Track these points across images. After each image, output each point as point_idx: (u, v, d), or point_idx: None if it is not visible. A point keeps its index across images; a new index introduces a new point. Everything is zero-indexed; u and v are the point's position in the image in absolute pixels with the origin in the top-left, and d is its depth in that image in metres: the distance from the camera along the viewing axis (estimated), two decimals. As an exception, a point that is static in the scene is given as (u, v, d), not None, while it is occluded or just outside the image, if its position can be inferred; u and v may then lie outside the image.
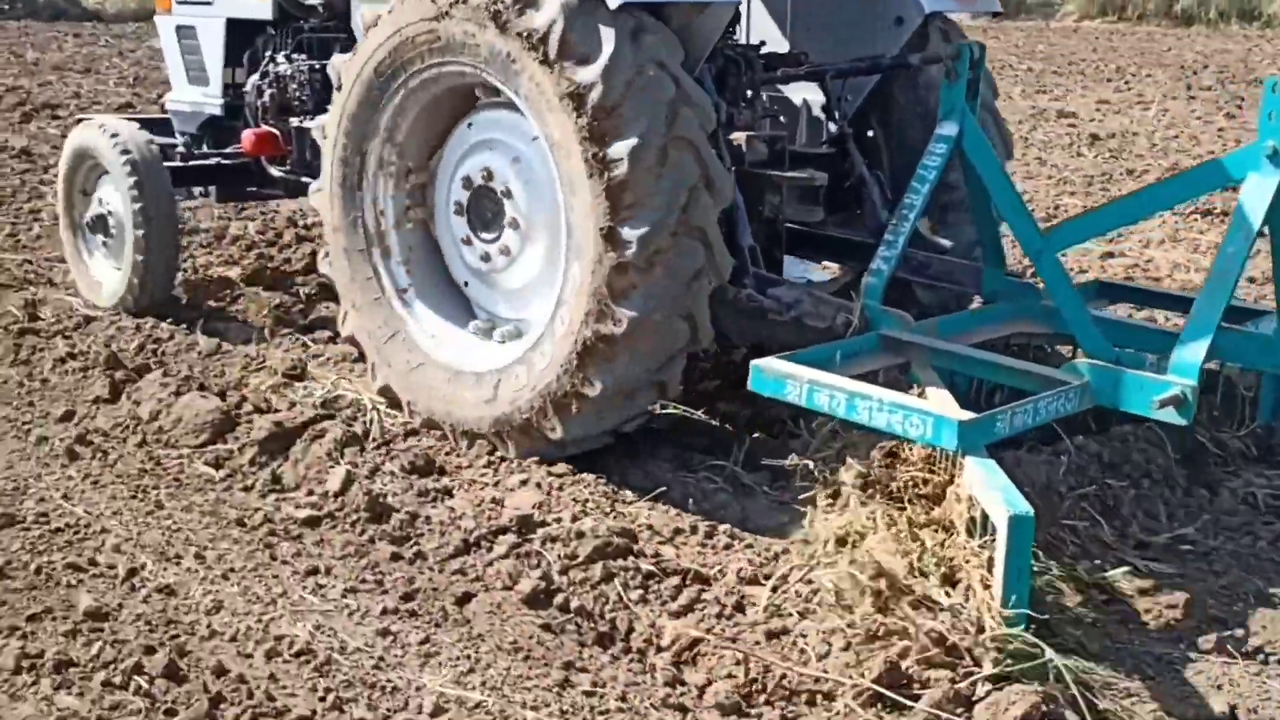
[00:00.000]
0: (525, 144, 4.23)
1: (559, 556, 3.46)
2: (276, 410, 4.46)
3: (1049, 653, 2.77)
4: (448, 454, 4.25)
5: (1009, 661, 2.75)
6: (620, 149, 3.72)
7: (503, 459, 4.14)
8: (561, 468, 4.03)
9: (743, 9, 5.14)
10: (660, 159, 3.76)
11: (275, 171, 5.83)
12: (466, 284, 4.60)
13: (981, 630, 2.78)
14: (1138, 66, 17.51)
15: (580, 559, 3.41)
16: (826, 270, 5.80)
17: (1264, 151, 3.58)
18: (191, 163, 6.12)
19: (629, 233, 3.74)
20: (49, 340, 5.42)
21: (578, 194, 3.85)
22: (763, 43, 5.19)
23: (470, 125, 4.43)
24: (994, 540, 2.92)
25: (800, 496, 3.58)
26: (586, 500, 3.84)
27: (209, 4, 6.11)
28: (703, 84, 4.07)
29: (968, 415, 3.24)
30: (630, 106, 3.74)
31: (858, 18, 5.08)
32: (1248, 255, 3.58)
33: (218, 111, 6.16)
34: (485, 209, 4.37)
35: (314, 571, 3.52)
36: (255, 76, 5.85)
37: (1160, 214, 5.72)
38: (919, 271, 4.84)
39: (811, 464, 3.60)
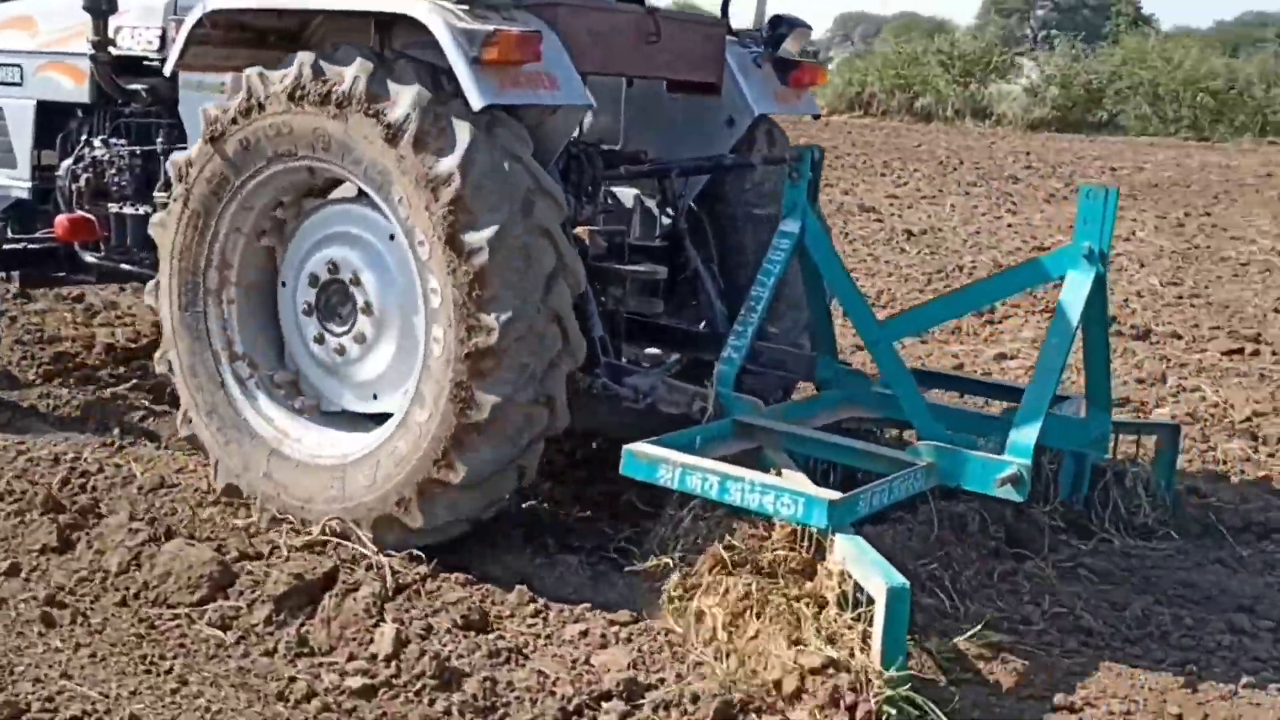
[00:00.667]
0: (374, 235, 4.26)
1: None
2: (276, 557, 4.01)
3: (933, 711, 2.93)
4: (496, 603, 3.86)
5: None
6: (479, 238, 3.78)
7: (547, 603, 3.84)
8: (623, 613, 3.76)
9: None
10: (519, 247, 3.85)
11: (89, 258, 5.63)
12: (308, 375, 4.53)
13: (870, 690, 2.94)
14: (901, 161, 18.99)
15: None
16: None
17: (1081, 251, 3.97)
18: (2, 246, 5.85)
19: (490, 319, 3.79)
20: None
21: (437, 283, 3.88)
22: (600, 140, 5.39)
23: (309, 223, 4.44)
24: (869, 610, 3.07)
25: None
26: (686, 657, 3.48)
27: (18, 85, 5.94)
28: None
29: (836, 495, 3.41)
30: (488, 196, 3.82)
31: (690, 118, 5.34)
32: (1070, 346, 3.93)
33: (25, 195, 5.95)
34: (334, 303, 4.36)
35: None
36: (69, 160, 5.67)
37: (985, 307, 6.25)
38: (753, 359, 5.07)
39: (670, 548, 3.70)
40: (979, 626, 3.71)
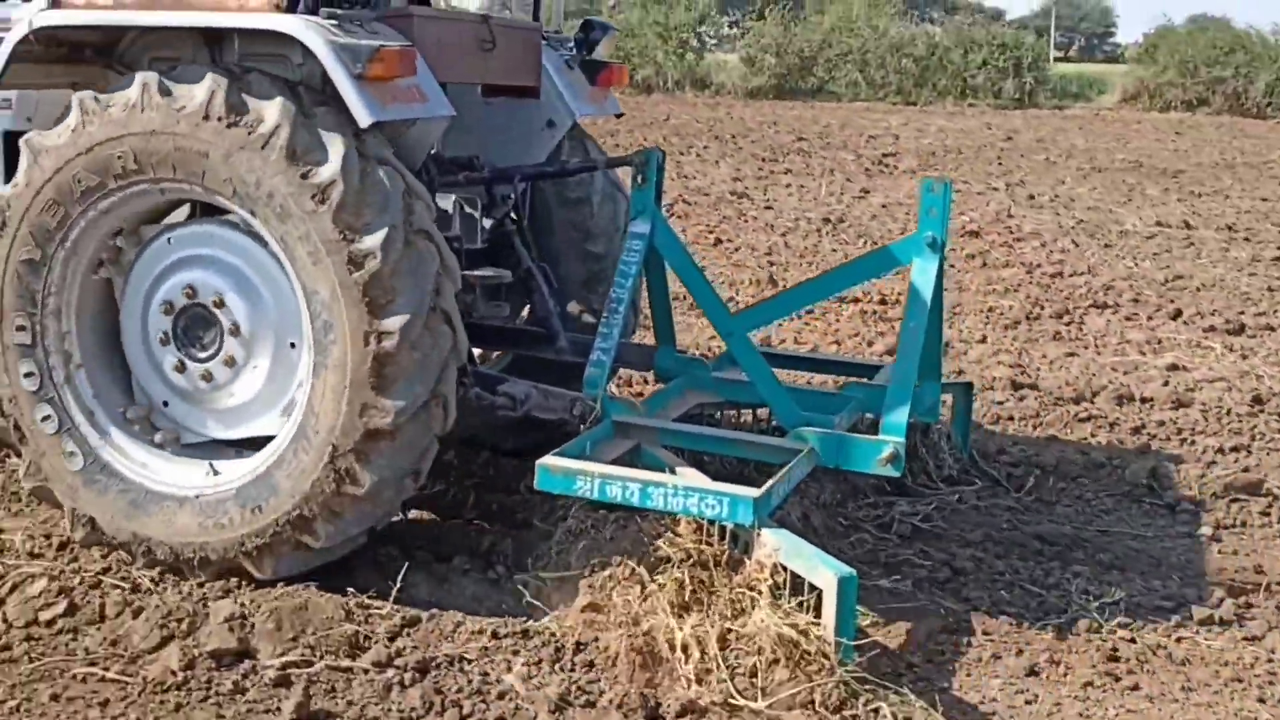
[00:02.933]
0: (234, 254, 4.16)
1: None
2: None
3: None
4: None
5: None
6: (371, 242, 3.78)
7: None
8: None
9: None
10: (408, 248, 3.87)
11: None
12: (167, 405, 4.37)
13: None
14: (680, 137, 19.63)
15: None
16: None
17: (924, 240, 4.38)
18: None
19: (390, 323, 3.80)
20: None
21: (324, 293, 3.84)
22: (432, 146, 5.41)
23: (153, 249, 4.28)
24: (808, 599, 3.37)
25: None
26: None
27: None
28: None
29: (757, 492, 3.65)
30: (372, 200, 3.83)
31: (508, 122, 5.44)
32: (926, 325, 4.34)
33: None
34: (195, 328, 4.22)
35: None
36: None
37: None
38: (585, 353, 5.27)
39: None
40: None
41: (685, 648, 3.34)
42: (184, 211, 4.46)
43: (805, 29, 35.79)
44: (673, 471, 4.07)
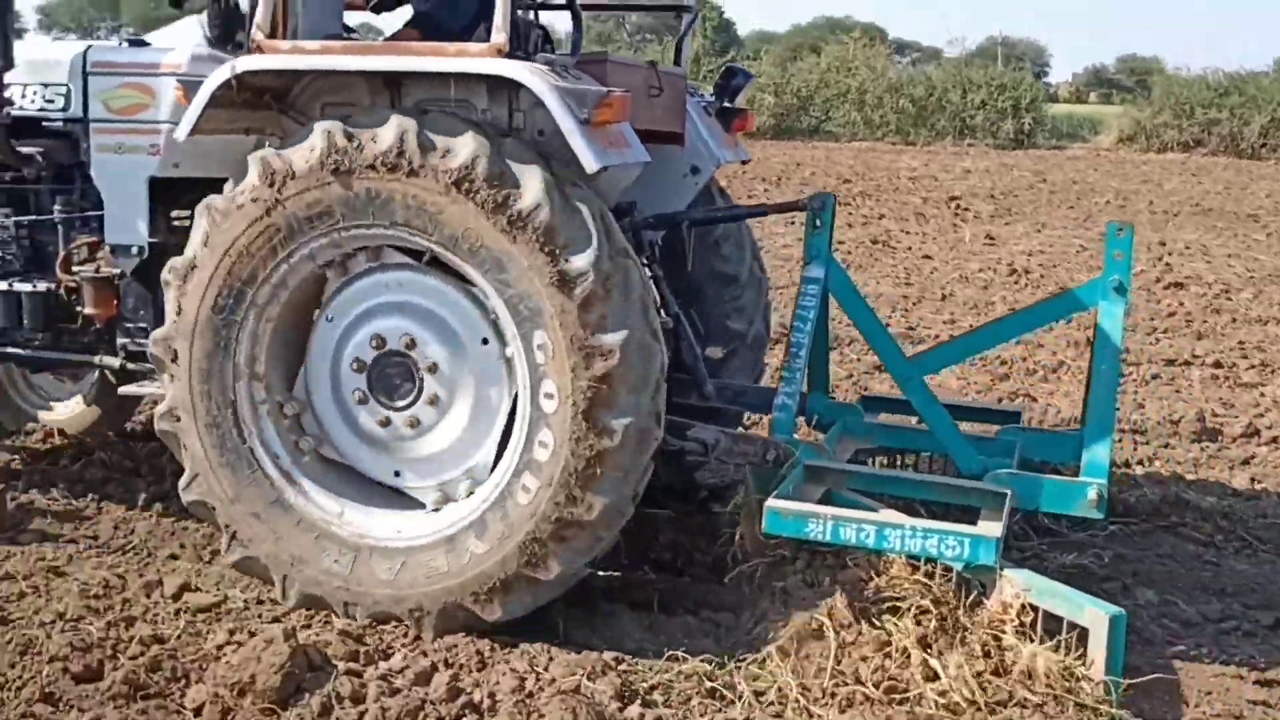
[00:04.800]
0: (427, 298, 4.21)
1: None
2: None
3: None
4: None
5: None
6: (581, 261, 3.82)
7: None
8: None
9: None
10: (614, 266, 3.92)
11: None
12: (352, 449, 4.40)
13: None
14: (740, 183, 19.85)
15: None
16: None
17: (1111, 284, 4.49)
18: None
19: (609, 340, 3.84)
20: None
21: (540, 323, 3.88)
22: None
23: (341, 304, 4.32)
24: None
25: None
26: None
27: None
28: None
29: (999, 531, 3.73)
30: (570, 222, 3.87)
31: (659, 168, 5.52)
32: (1120, 367, 4.45)
33: None
34: (392, 377, 4.25)
35: None
36: None
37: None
38: (734, 401, 5.35)
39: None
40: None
41: (945, 687, 3.38)
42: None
43: (801, 70, 36.31)
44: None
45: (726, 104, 5.73)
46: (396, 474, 4.34)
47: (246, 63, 4.15)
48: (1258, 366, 8.72)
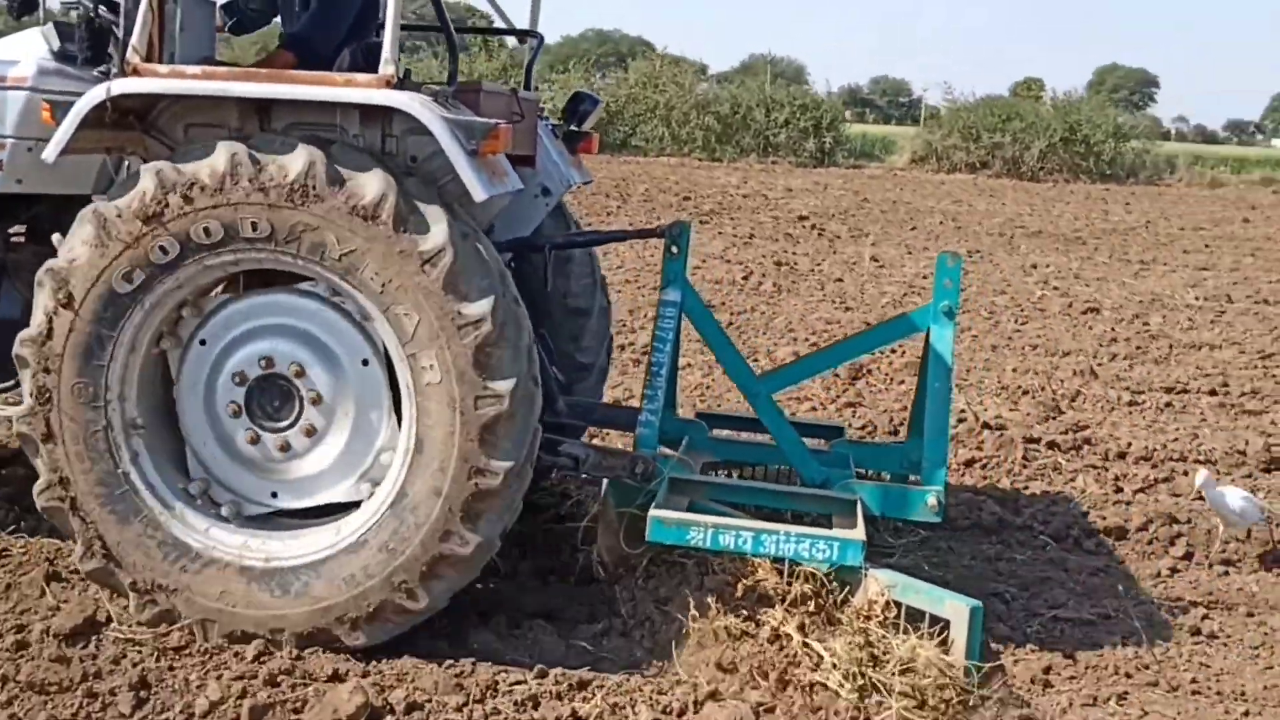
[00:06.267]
0: (311, 323, 4.31)
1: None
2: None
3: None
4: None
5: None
6: (479, 308, 4.01)
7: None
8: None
9: None
10: (509, 314, 4.13)
11: None
12: (229, 477, 4.44)
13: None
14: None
15: None
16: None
17: (941, 309, 4.94)
18: None
19: (501, 386, 4.04)
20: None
21: (430, 362, 4.03)
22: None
23: (217, 321, 4.37)
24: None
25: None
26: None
27: None
28: None
29: (863, 535, 4.10)
30: (473, 268, 4.06)
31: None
32: (950, 385, 4.90)
33: None
34: (270, 398, 4.33)
35: None
36: None
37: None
38: (584, 417, 5.61)
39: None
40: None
41: (843, 674, 3.72)
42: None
43: (609, 85, 36.92)
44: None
45: (574, 128, 5.98)
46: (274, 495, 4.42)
47: (124, 85, 4.14)
48: (1248, 394, 9.24)
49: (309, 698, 3.85)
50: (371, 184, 4.02)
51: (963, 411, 8.01)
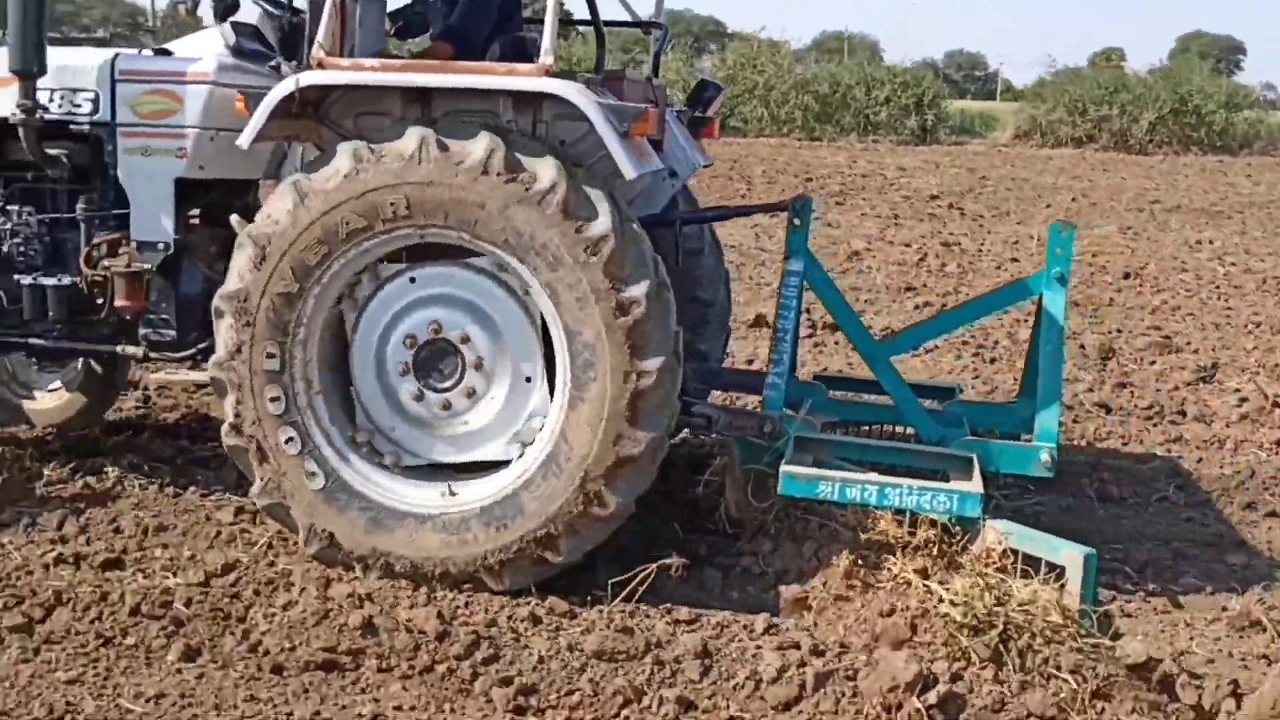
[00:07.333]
0: (478, 295, 4.77)
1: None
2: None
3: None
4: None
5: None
6: (636, 290, 4.45)
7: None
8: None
9: None
10: (659, 296, 4.55)
11: None
12: (394, 430, 4.93)
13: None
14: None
15: None
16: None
17: (1054, 275, 5.25)
18: None
19: (650, 363, 4.47)
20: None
21: (588, 337, 4.48)
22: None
23: (392, 288, 4.83)
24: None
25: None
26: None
27: None
28: None
29: (981, 488, 4.45)
30: (632, 253, 4.50)
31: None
32: (1063, 347, 5.20)
33: None
34: (436, 361, 4.80)
35: None
36: None
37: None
38: (710, 381, 6.01)
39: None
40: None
41: (954, 604, 4.07)
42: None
43: (712, 66, 37.15)
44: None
45: (698, 114, 6.36)
46: None
47: (311, 77, 4.64)
48: None
49: (860, 666, 4.10)
50: (545, 171, 4.46)
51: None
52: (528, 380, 4.75)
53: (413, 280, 4.82)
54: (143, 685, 4.01)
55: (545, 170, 4.46)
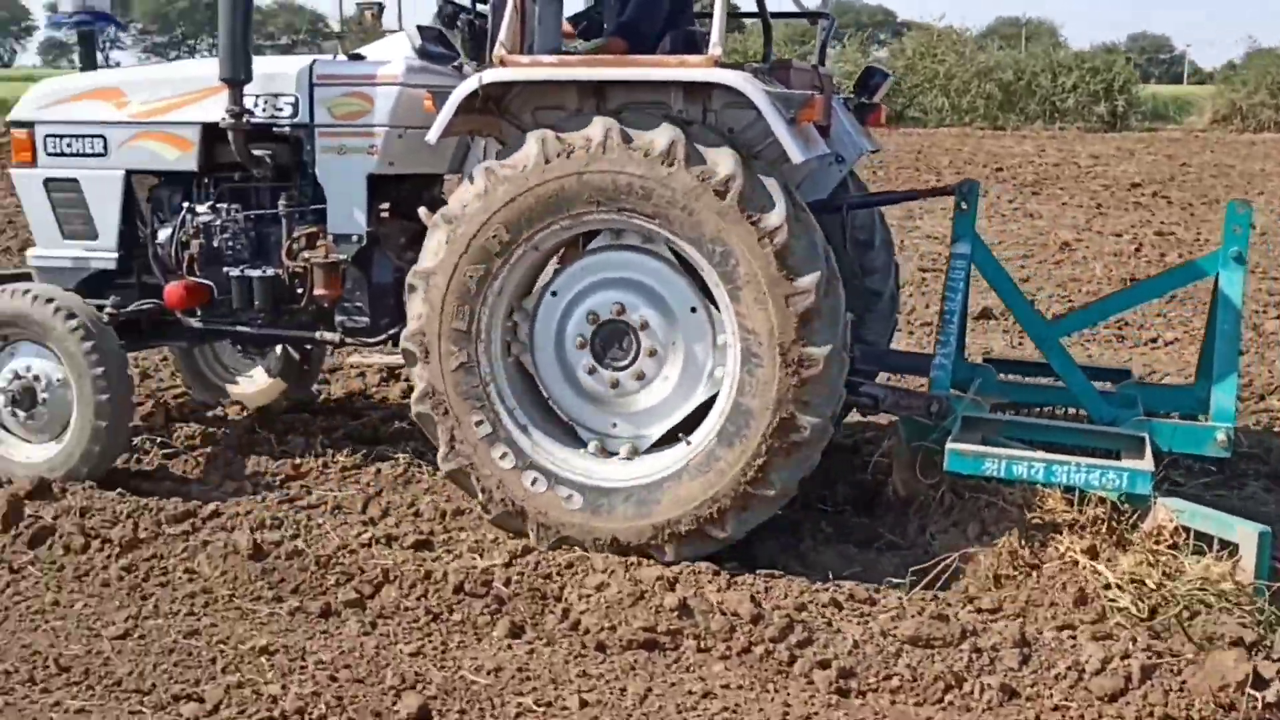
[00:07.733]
0: (652, 278, 4.96)
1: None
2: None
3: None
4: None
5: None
6: (807, 281, 4.58)
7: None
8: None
9: None
10: (830, 287, 4.67)
11: (194, 323, 6.07)
12: (568, 408, 5.16)
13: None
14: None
15: None
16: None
17: (1231, 255, 5.15)
18: (121, 318, 6.13)
19: (818, 352, 4.61)
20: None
21: (758, 324, 4.62)
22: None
23: (578, 268, 5.06)
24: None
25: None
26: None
27: (101, 155, 6.16)
28: None
29: (1152, 465, 4.43)
30: (804, 245, 4.63)
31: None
32: (1239, 328, 5.09)
33: (109, 265, 6.23)
34: (613, 340, 5.01)
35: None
36: (170, 229, 6.04)
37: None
38: (877, 362, 6.06)
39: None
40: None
41: (1121, 588, 4.09)
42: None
43: (889, 55, 36.75)
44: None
45: (865, 100, 6.43)
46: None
47: (494, 74, 4.90)
48: None
49: (1181, 665, 4.01)
50: (724, 163, 4.61)
51: None
52: (697, 364, 4.92)
53: (589, 264, 5.02)
54: (479, 659, 4.21)
55: (724, 160, 4.61)
